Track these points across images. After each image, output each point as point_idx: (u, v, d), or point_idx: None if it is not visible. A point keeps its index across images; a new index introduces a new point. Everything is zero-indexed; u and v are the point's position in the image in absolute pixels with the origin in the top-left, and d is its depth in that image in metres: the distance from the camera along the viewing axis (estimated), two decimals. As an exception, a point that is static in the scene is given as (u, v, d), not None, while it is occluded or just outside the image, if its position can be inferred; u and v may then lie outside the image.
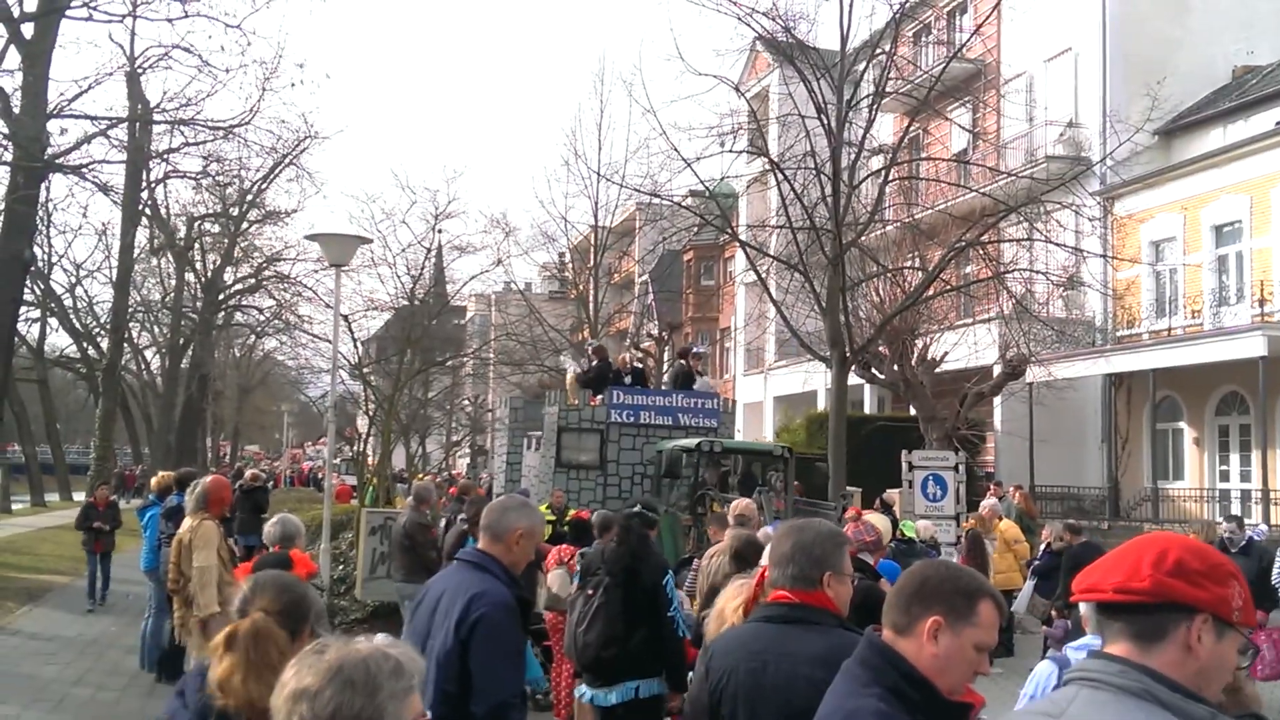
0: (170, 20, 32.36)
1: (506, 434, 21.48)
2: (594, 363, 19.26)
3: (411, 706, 2.02)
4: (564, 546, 9.75)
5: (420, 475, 27.14)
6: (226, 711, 2.85)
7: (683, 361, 19.37)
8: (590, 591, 6.55)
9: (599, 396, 17.67)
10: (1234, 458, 23.00)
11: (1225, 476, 23.09)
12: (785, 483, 15.16)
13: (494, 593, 3.95)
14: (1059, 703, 1.99)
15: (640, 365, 22.21)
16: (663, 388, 22.48)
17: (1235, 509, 19.76)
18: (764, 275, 22.16)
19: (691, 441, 14.83)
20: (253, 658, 2.86)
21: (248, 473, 22.04)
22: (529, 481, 18.72)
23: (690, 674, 3.97)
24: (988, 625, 2.54)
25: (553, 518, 12.88)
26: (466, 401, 50.24)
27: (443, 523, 12.41)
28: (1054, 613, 12.31)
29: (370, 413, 23.12)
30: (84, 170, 30.81)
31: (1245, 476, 22.31)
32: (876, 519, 6.50)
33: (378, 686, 1.96)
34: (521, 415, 21.15)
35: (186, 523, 8.62)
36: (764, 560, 3.63)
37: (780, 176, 19.54)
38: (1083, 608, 4.11)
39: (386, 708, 1.95)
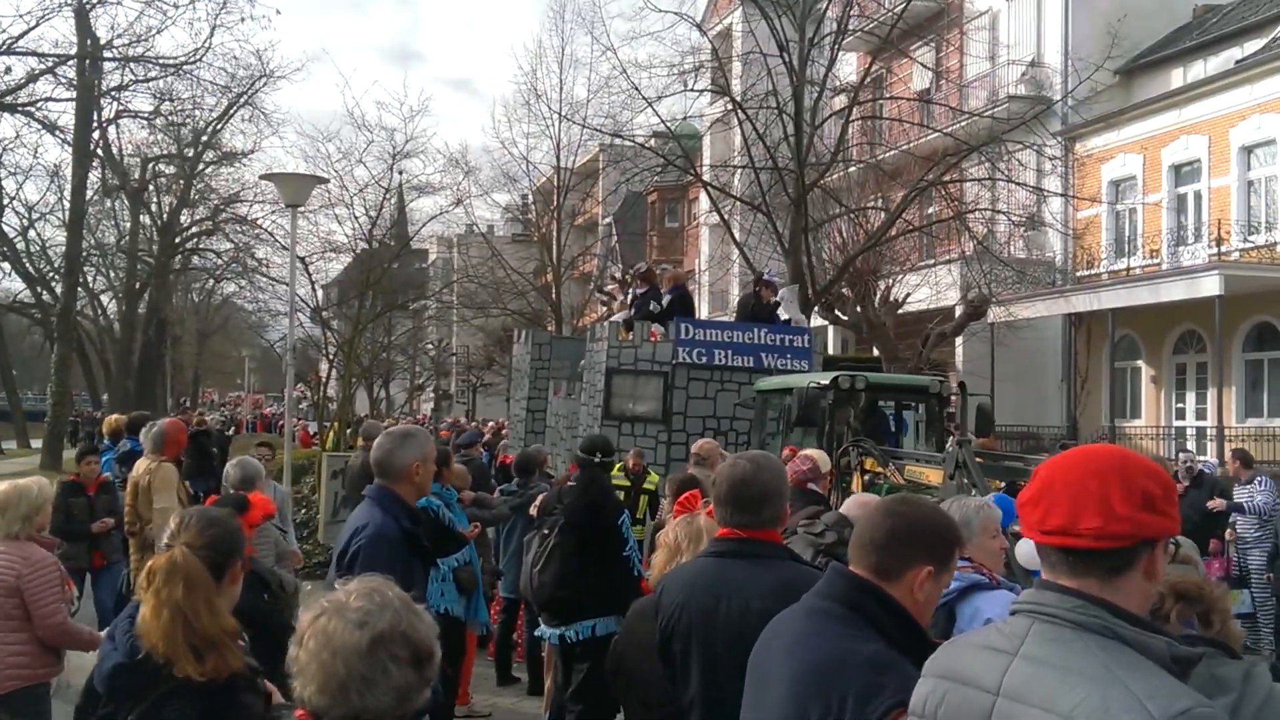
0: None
1: (527, 376, 18.26)
2: (641, 290, 15.48)
3: None
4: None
5: (392, 420, 26.99)
6: (154, 654, 2.77)
7: (759, 291, 15.47)
8: (546, 532, 6.56)
9: (659, 330, 14.39)
10: (1190, 395, 23.29)
11: (1181, 414, 23.39)
12: (943, 427, 11.74)
13: (375, 524, 4.23)
14: (1011, 637, 1.89)
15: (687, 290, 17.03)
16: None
17: (1191, 446, 20.06)
18: (727, 217, 22.08)
19: (825, 376, 11.42)
20: (163, 595, 2.79)
21: (195, 417, 20.86)
22: (557, 434, 15.74)
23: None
24: (953, 570, 2.63)
25: (626, 483, 9.89)
26: (429, 345, 50.01)
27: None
28: None
29: (331, 357, 22.83)
30: (32, 109, 30.14)
31: (1201, 414, 22.61)
32: (813, 452, 6.53)
33: (406, 600, 2.13)
34: (547, 353, 18.05)
35: (143, 465, 8.53)
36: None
37: (743, 116, 19.41)
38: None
39: (420, 616, 2.14)
